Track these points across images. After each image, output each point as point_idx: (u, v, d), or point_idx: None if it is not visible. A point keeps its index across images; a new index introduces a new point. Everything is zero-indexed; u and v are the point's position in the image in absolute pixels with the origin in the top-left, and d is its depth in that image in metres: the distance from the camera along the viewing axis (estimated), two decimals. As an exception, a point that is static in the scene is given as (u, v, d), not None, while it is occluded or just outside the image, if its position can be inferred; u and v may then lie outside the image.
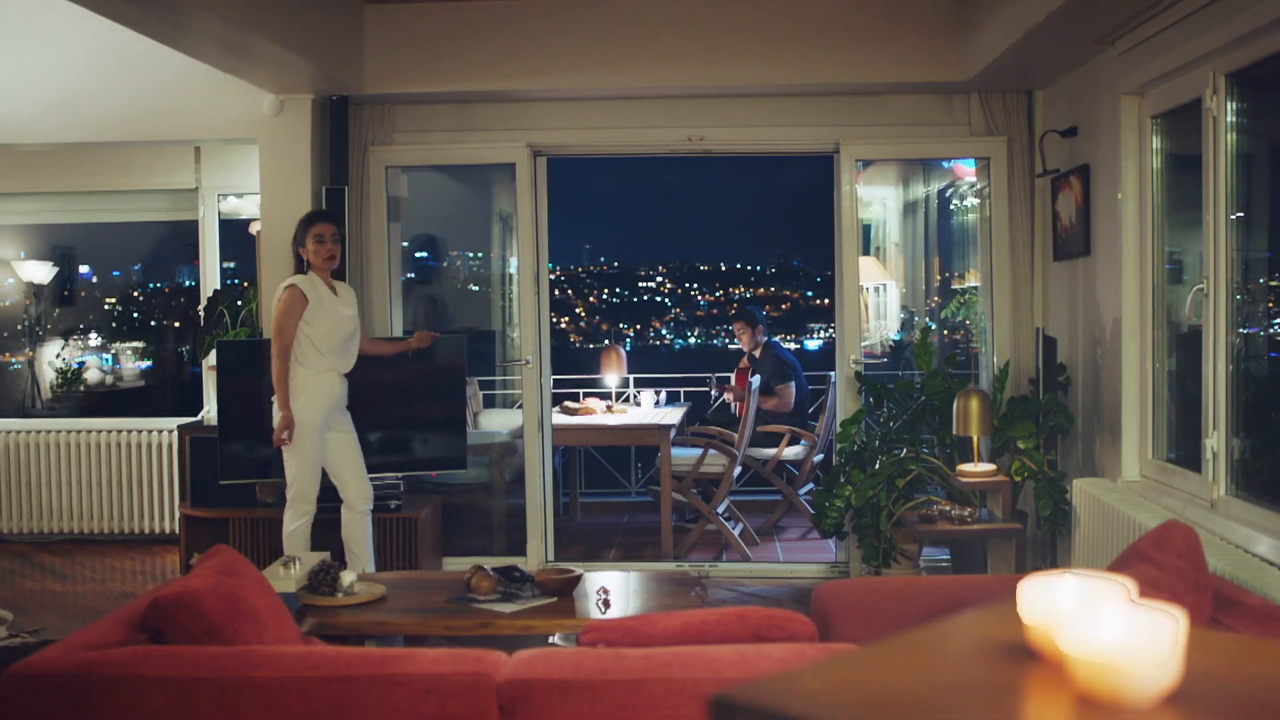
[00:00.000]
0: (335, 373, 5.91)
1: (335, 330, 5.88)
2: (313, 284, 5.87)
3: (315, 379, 5.83)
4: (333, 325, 5.87)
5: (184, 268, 10.01)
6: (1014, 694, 1.24)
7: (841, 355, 7.10)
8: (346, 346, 5.98)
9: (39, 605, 6.67)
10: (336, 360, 5.91)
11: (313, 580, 4.73)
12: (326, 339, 5.84)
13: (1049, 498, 5.83)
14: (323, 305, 5.85)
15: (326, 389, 5.87)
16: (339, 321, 5.90)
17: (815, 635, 3.17)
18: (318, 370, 5.84)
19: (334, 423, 5.96)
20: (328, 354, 5.85)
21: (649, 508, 9.09)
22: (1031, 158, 6.77)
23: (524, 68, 6.87)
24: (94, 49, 7.04)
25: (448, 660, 2.98)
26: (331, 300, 5.90)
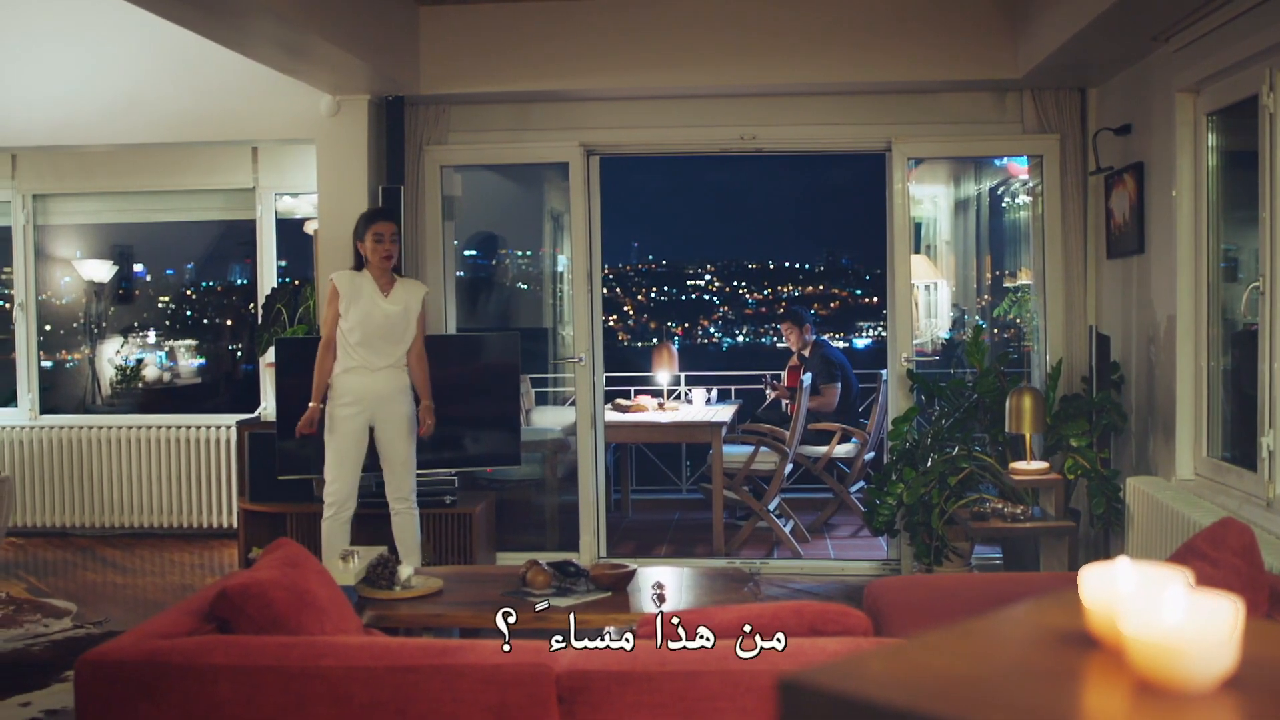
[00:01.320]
0: (367, 368, 5.92)
1: (364, 323, 5.90)
2: (355, 278, 5.97)
3: (346, 374, 5.92)
4: (362, 318, 5.91)
5: (236, 266, 10.15)
6: (1074, 679, 1.28)
7: (893, 353, 7.12)
8: (379, 342, 5.96)
9: (101, 597, 6.79)
10: (367, 355, 5.91)
11: (371, 574, 4.81)
12: (354, 331, 5.89)
13: (1102, 496, 5.83)
14: (359, 297, 5.92)
15: (356, 384, 5.91)
16: (371, 315, 5.92)
17: (870, 630, 3.20)
18: (348, 365, 5.92)
19: (378, 418, 5.98)
20: (356, 347, 5.89)
21: (699, 505, 9.13)
22: (1084, 155, 6.76)
23: (578, 67, 6.93)
24: (155, 52, 7.17)
25: (507, 651, 3.04)
26: (373, 294, 5.95)
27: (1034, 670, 1.29)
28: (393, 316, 5.96)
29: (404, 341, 6.02)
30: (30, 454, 8.45)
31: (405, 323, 6.01)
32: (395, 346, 5.98)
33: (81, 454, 8.46)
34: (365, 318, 5.90)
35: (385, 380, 5.97)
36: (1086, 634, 1.36)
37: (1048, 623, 1.41)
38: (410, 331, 6.03)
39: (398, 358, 6.00)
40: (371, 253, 5.97)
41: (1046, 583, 4.49)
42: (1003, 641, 1.37)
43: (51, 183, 8.57)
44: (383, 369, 5.95)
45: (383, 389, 5.96)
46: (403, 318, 6.00)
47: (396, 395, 6.01)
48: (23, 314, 8.60)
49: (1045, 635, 1.38)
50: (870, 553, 7.66)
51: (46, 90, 7.31)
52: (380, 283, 5.99)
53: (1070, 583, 4.05)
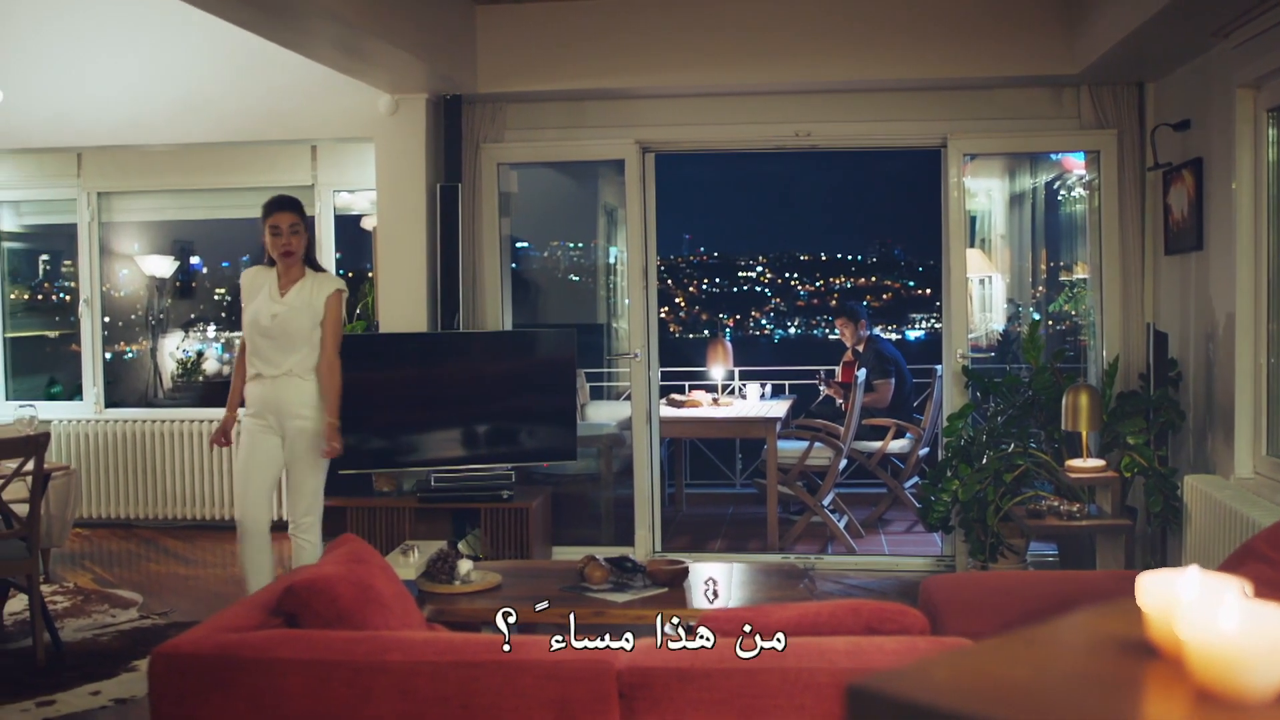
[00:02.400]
0: (264, 376, 5.44)
1: (251, 325, 5.44)
2: (260, 274, 5.53)
3: (249, 381, 5.50)
4: (250, 319, 5.45)
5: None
6: (1134, 687, 1.31)
7: (948, 349, 7.11)
8: (265, 347, 5.44)
9: (166, 588, 6.92)
10: (256, 361, 5.45)
11: (431, 568, 4.88)
12: (245, 333, 5.49)
13: (1159, 494, 5.80)
14: (253, 296, 5.48)
15: (254, 392, 5.48)
16: (258, 317, 5.42)
17: (927, 628, 3.22)
18: (250, 371, 5.50)
19: (284, 431, 5.50)
20: (250, 351, 5.47)
21: (753, 499, 9.16)
22: (1142, 151, 6.72)
23: (633, 65, 6.97)
24: (217, 54, 7.29)
25: (570, 647, 3.09)
26: (269, 293, 5.45)
27: (1095, 679, 1.32)
28: (281, 319, 5.42)
29: (297, 348, 5.45)
30: (95, 447, 8.62)
31: (301, 326, 5.44)
32: (284, 354, 5.44)
33: (145, 447, 8.61)
34: (252, 320, 5.43)
35: (282, 389, 5.45)
36: (1146, 642, 1.39)
37: (1108, 630, 1.44)
38: (311, 336, 5.46)
39: (294, 365, 5.45)
40: (270, 248, 5.46)
41: (1103, 582, 4.49)
42: (1064, 649, 1.40)
43: (116, 180, 8.71)
44: (278, 377, 5.44)
45: (279, 398, 5.45)
46: (296, 320, 5.43)
47: (295, 408, 5.46)
48: (88, 309, 8.76)
49: (1106, 643, 1.41)
50: (925, 549, 7.66)
51: (111, 91, 7.46)
52: (281, 280, 5.48)
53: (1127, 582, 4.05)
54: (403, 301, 7.11)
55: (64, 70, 7.48)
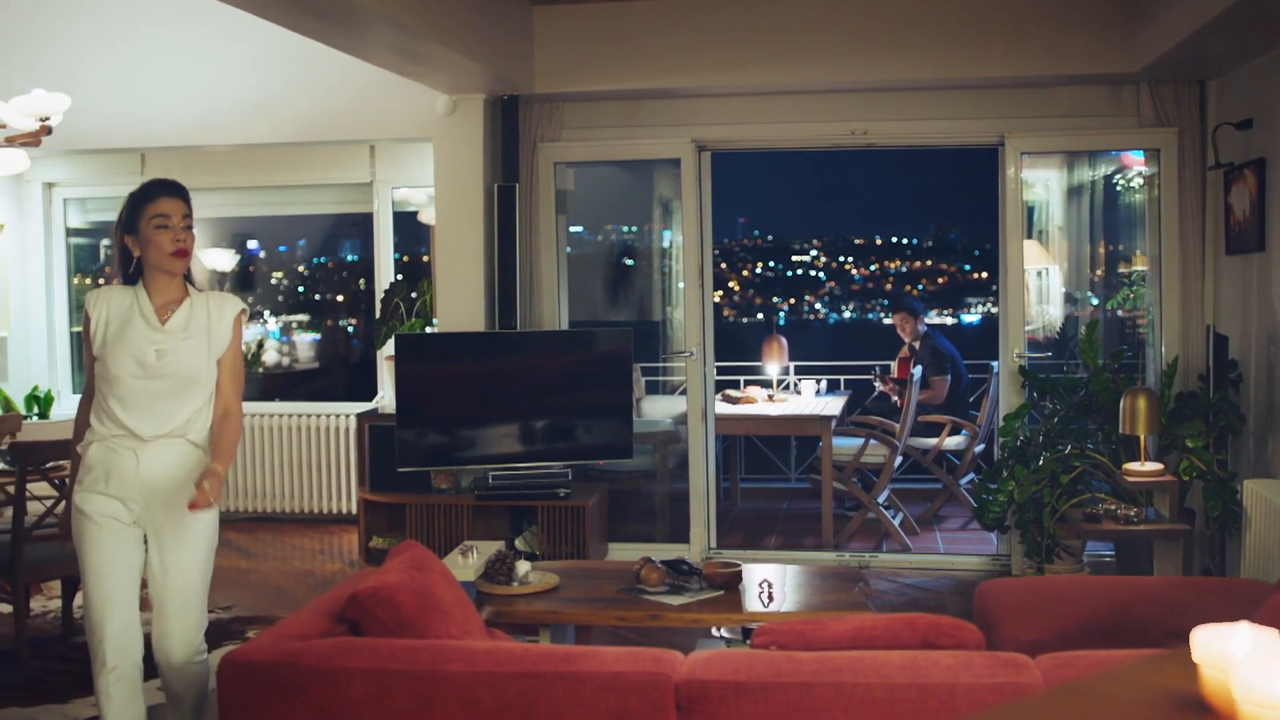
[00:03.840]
0: (131, 435, 3.81)
1: (122, 366, 3.80)
2: (112, 296, 3.89)
3: (101, 446, 3.84)
4: (117, 358, 3.81)
5: (347, 243, 10.40)
6: (1188, 745, 1.34)
7: (1005, 348, 7.09)
8: (146, 396, 3.82)
9: (228, 582, 7.04)
10: (121, 417, 3.81)
11: (490, 569, 4.93)
12: (116, 381, 3.80)
13: (1218, 498, 5.77)
14: (116, 326, 3.85)
15: (115, 464, 3.81)
16: (136, 353, 3.81)
17: (982, 643, 3.24)
18: (103, 433, 3.84)
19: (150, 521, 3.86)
20: (118, 406, 3.81)
21: (808, 494, 9.18)
22: (1203, 149, 6.65)
23: (689, 65, 6.99)
24: (277, 57, 7.38)
25: (628, 659, 3.14)
26: (143, 320, 3.85)
27: (1149, 736, 1.35)
28: (171, 356, 3.84)
29: (193, 396, 3.89)
30: (159, 440, 8.76)
31: (198, 364, 3.89)
32: (173, 405, 3.85)
33: (207, 440, 8.73)
34: (123, 359, 3.80)
35: (161, 460, 3.84)
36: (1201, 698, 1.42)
37: (1162, 684, 1.47)
38: (210, 378, 3.92)
39: (186, 422, 3.88)
40: (155, 247, 3.83)
41: (1160, 589, 4.48)
42: (1116, 704, 1.43)
43: (178, 178, 8.78)
44: (159, 439, 3.83)
45: (156, 474, 3.83)
46: (191, 356, 3.88)
47: (181, 489, 3.83)
48: (152, 305, 8.88)
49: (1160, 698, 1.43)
50: (980, 547, 7.65)
51: (174, 94, 7.57)
52: (156, 302, 3.89)
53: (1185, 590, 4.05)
54: (461, 301, 7.18)
55: (129, 74, 7.61)
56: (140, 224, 3.84)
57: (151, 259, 3.86)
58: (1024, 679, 2.93)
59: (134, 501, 3.82)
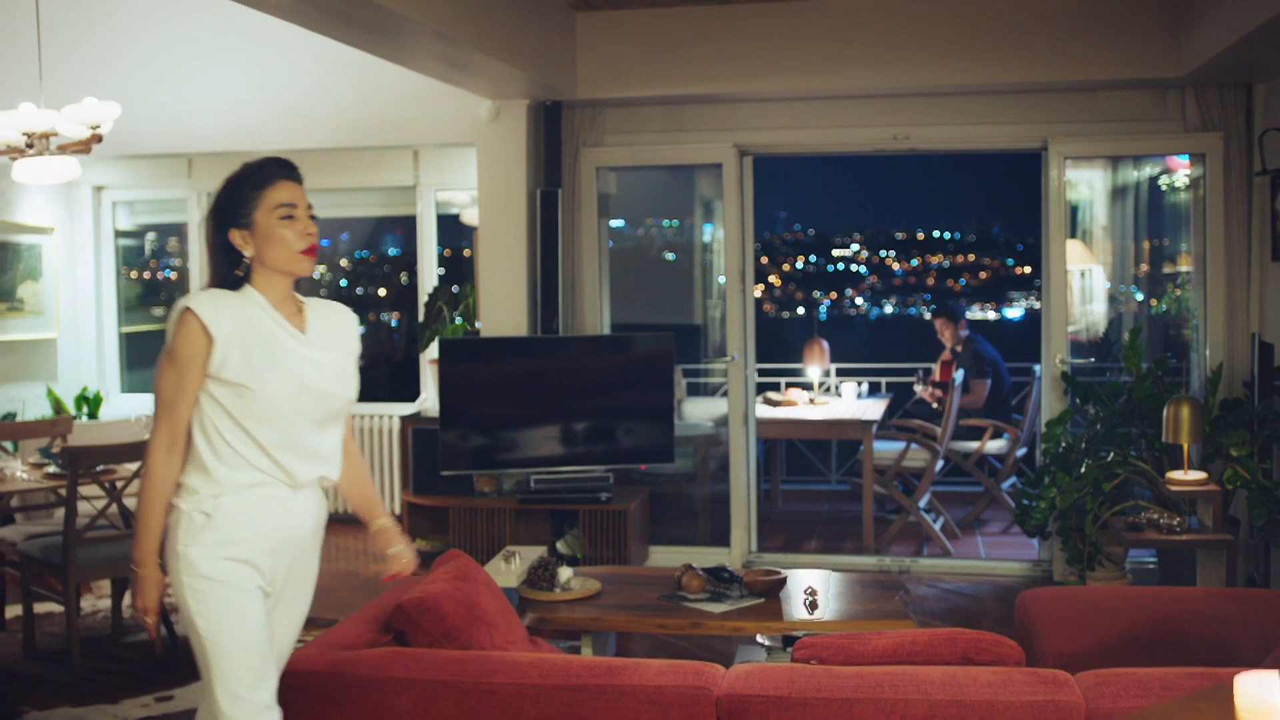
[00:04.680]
0: (280, 482, 3.08)
1: (287, 395, 3.06)
2: (234, 304, 3.06)
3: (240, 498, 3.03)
4: (284, 384, 3.06)
5: (389, 236, 10.49)
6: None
7: (1047, 353, 7.07)
8: (301, 429, 3.10)
9: (275, 582, 7.11)
10: (284, 456, 3.07)
11: (532, 575, 4.97)
12: (263, 415, 3.03)
13: (1263, 508, 5.73)
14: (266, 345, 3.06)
15: (266, 518, 3.08)
16: (297, 372, 3.09)
17: (1022, 659, 3.25)
18: (252, 479, 3.05)
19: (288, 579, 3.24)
20: (264, 443, 3.04)
21: (848, 496, 9.18)
22: (1250, 154, 6.61)
23: (730, 70, 7.01)
24: (322, 63, 7.45)
25: (670, 673, 3.17)
26: (284, 331, 3.11)
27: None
28: (328, 374, 3.17)
29: (337, 428, 3.25)
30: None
31: (346, 386, 3.24)
32: (325, 438, 3.19)
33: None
34: (288, 382, 3.07)
35: (310, 509, 3.23)
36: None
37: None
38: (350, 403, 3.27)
39: (332, 460, 3.23)
40: (279, 244, 3.13)
41: (1202, 601, 4.47)
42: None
43: (225, 182, 8.93)
44: (308, 485, 3.17)
45: (309, 525, 3.25)
46: (342, 376, 3.22)
47: (317, 539, 3.36)
48: (199, 306, 8.98)
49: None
50: (1021, 552, 7.63)
51: (221, 100, 7.67)
52: (287, 310, 3.17)
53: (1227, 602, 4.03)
54: (504, 305, 7.23)
55: (177, 80, 7.71)
56: (256, 214, 3.13)
57: (273, 258, 3.11)
58: (1064, 696, 2.94)
59: (268, 563, 3.08)
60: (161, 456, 3.01)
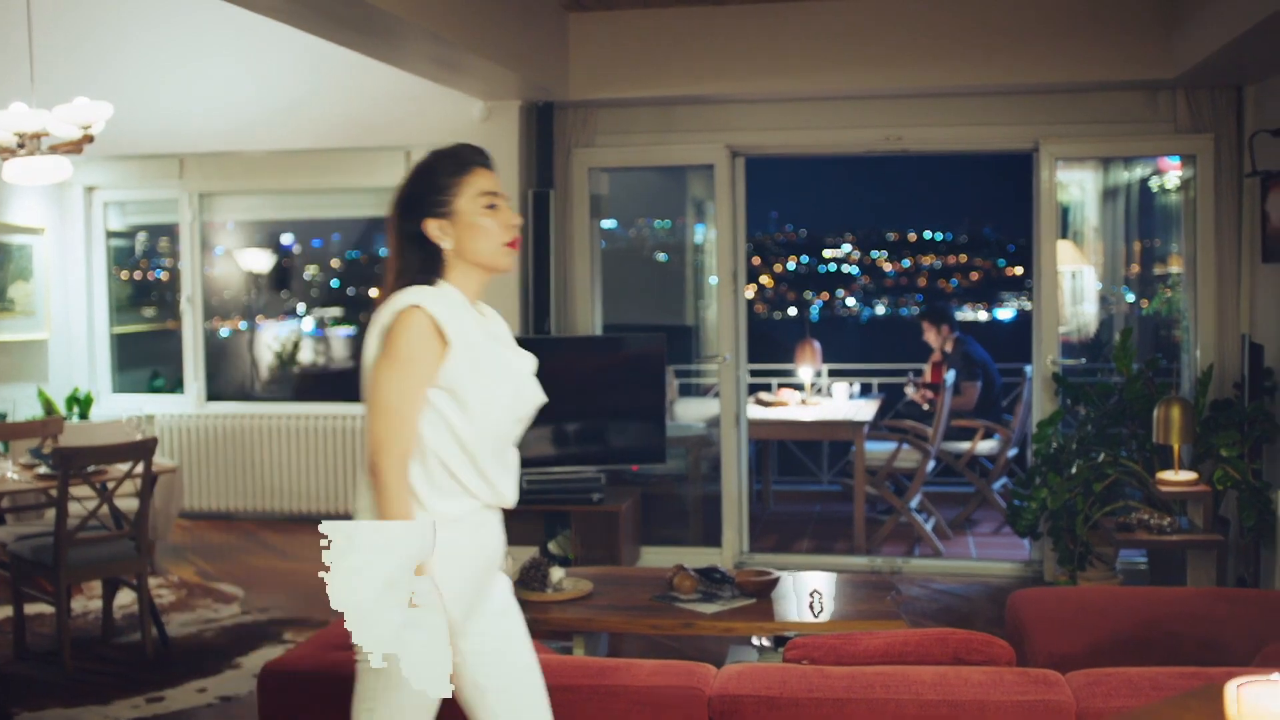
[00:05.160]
0: (495, 507, 2.81)
1: (511, 407, 2.79)
2: (450, 302, 2.72)
3: (458, 525, 2.70)
4: (509, 396, 2.78)
5: (379, 236, 10.48)
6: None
7: (1038, 355, 7.08)
8: (511, 447, 2.84)
9: (266, 583, 7.11)
10: (503, 477, 2.77)
11: (524, 576, 4.97)
12: (483, 428, 2.70)
13: (1253, 508, 5.75)
14: (497, 348, 2.81)
15: (478, 545, 2.78)
16: (519, 385, 2.83)
17: (1013, 659, 3.26)
18: (458, 502, 2.71)
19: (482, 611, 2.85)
20: (486, 462, 2.71)
21: (840, 497, 9.19)
22: (1240, 156, 6.63)
23: (722, 72, 7.02)
24: (314, 64, 7.46)
25: (662, 673, 3.17)
26: (497, 342, 2.83)
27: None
28: (532, 381, 2.90)
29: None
30: (197, 440, 8.87)
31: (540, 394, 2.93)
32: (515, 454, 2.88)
33: (244, 440, 8.84)
34: (513, 393, 2.81)
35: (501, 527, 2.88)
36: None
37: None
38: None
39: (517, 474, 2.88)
40: (484, 236, 2.79)
41: (1192, 601, 4.47)
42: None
43: (216, 182, 8.93)
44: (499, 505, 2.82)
45: (501, 545, 2.90)
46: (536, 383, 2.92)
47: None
48: (190, 307, 9.00)
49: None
50: (1012, 552, 7.64)
51: (213, 101, 7.67)
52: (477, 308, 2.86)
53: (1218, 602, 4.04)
54: (496, 305, 7.05)
55: (169, 80, 7.71)
56: (457, 203, 2.80)
57: (475, 251, 2.79)
58: (1054, 696, 2.95)
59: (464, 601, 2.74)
60: (400, 475, 2.60)
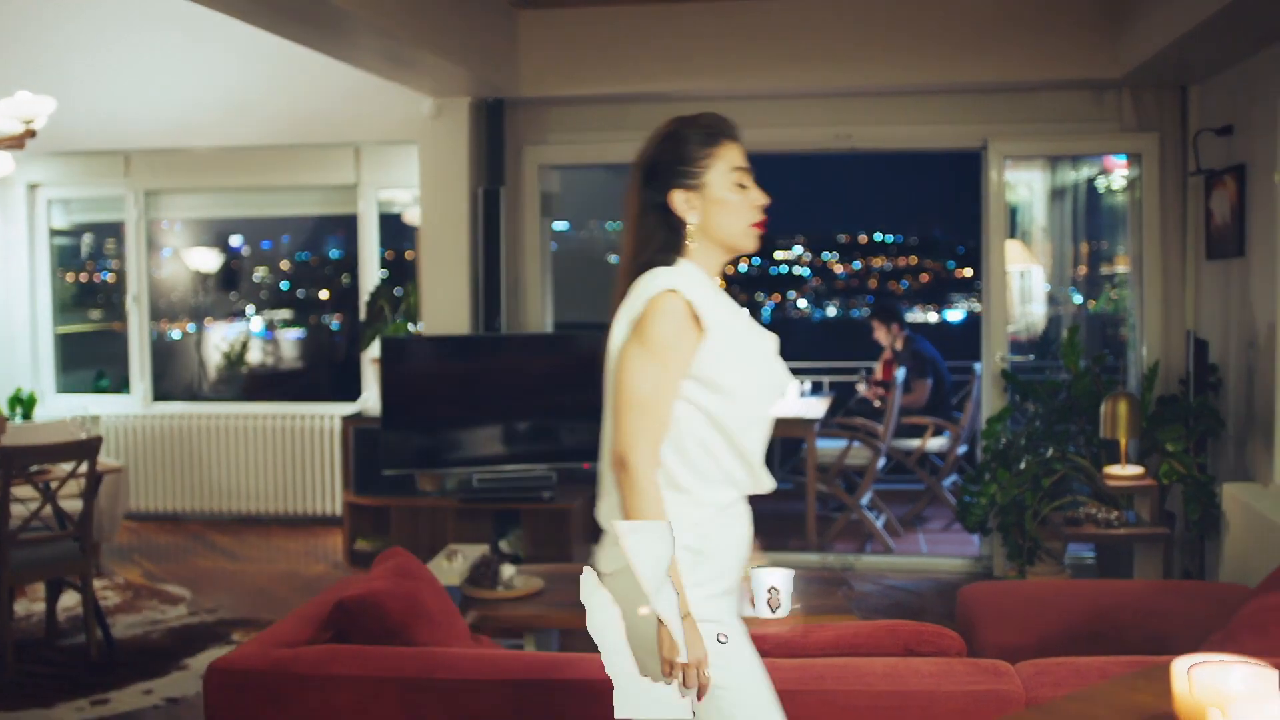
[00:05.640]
0: (747, 499, 2.66)
1: (768, 395, 2.58)
2: (704, 288, 2.53)
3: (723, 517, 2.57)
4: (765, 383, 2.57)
5: (330, 238, 10.41)
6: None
7: (988, 351, 7.13)
8: (766, 429, 2.60)
9: (213, 584, 7.04)
10: (758, 469, 2.60)
11: (474, 573, 4.94)
12: (745, 418, 2.52)
13: (1198, 502, 5.81)
14: (752, 333, 2.60)
15: (742, 530, 2.64)
16: (775, 373, 2.61)
17: (963, 649, 3.27)
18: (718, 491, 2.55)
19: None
20: (744, 445, 2.53)
21: (791, 495, 9.18)
22: (1184, 155, 6.70)
23: (674, 69, 7.01)
24: (263, 59, 7.39)
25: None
26: (747, 325, 2.60)
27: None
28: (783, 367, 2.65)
29: None
30: (144, 440, 8.76)
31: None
32: None
33: (191, 441, 8.75)
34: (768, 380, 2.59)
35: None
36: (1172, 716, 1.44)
37: (1137, 704, 1.49)
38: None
39: None
40: (733, 214, 2.59)
41: (1140, 593, 4.51)
42: (1095, 724, 1.46)
43: (163, 179, 8.84)
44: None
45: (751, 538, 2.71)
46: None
47: None
48: (136, 306, 8.89)
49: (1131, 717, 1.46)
50: (963, 548, 7.69)
51: (159, 96, 7.58)
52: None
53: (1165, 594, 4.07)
54: (446, 304, 7.19)
55: (114, 76, 7.61)
56: (708, 175, 2.57)
57: (721, 229, 2.58)
58: (1004, 686, 2.96)
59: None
60: (652, 470, 2.40)
